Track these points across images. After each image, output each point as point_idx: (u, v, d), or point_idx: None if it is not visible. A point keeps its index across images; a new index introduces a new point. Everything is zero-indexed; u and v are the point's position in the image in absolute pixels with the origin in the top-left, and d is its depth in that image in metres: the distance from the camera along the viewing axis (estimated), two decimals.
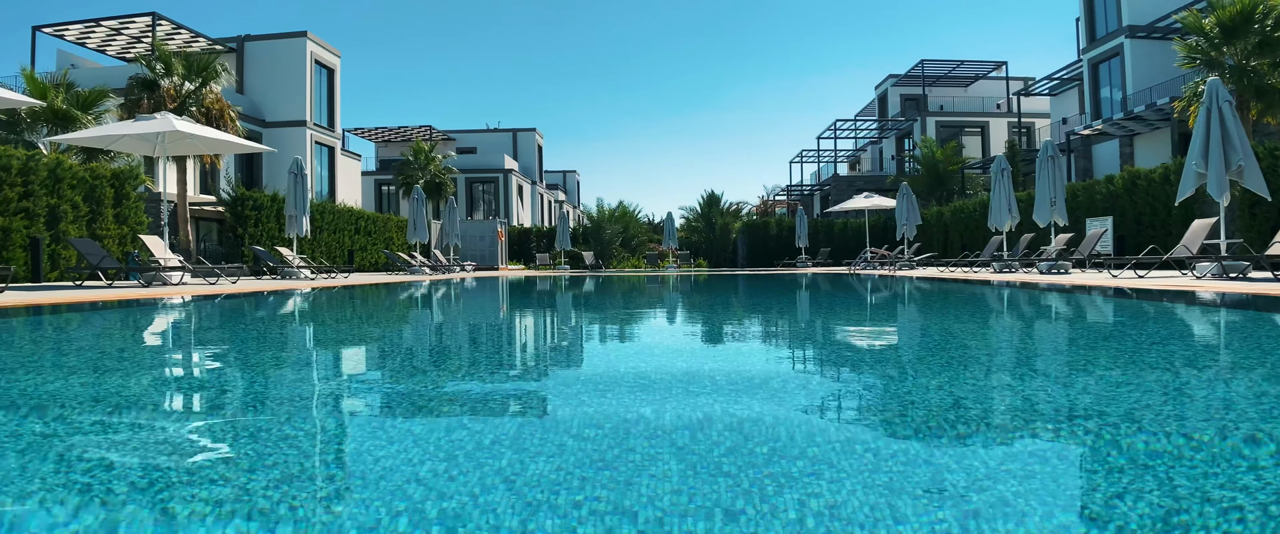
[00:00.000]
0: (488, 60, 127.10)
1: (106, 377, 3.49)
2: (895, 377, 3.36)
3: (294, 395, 3.03)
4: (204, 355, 4.57)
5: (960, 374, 3.34)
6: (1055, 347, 4.58)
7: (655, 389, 2.90)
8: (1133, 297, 8.83)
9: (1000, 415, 2.52)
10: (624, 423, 2.30)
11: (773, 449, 1.97)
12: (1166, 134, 28.50)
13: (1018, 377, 3.35)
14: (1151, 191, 19.06)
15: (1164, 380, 3.12)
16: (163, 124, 12.09)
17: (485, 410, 2.64)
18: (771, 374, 3.55)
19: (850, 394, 2.96)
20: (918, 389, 2.93)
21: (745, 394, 2.83)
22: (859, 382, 3.29)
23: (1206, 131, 11.50)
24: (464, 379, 3.46)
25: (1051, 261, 15.85)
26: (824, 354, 4.42)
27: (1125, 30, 29.48)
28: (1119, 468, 1.83)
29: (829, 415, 2.52)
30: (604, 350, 4.77)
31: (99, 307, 8.50)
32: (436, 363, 4.13)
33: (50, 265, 13.91)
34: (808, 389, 3.09)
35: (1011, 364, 3.83)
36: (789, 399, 2.76)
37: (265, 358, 4.31)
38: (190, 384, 3.44)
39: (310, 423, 2.45)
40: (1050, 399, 2.74)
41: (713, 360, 4.05)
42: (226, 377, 3.67)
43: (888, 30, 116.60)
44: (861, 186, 41.54)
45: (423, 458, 1.92)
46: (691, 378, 3.20)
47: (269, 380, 3.46)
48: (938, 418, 2.40)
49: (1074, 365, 3.69)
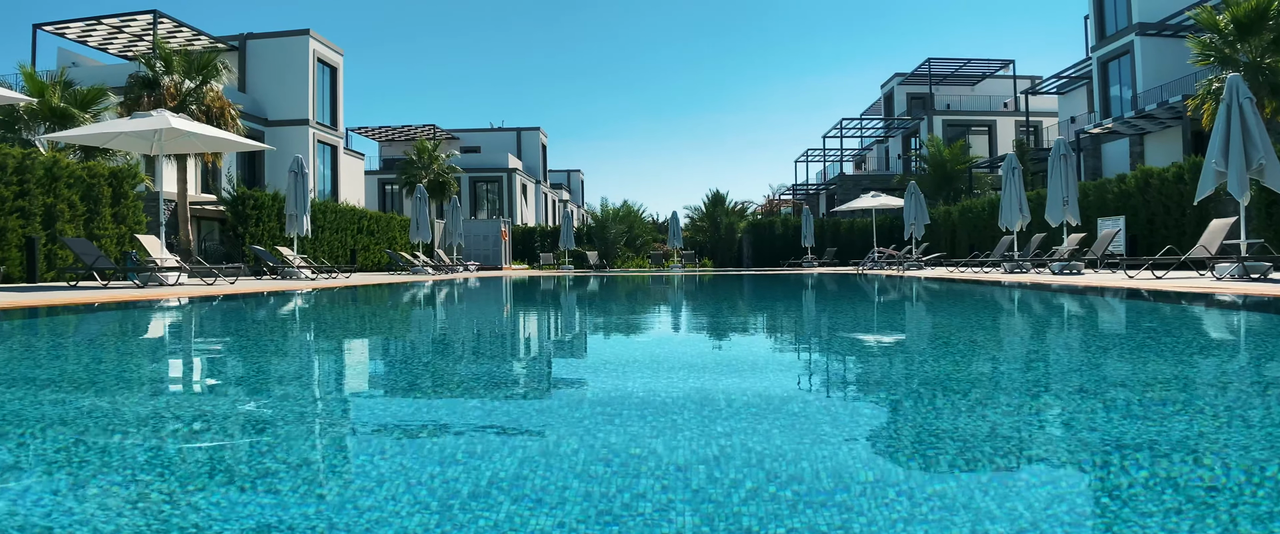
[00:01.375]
0: (492, 59, 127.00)
1: (74, 394, 3.25)
2: (928, 399, 3.11)
3: (273, 417, 2.79)
4: (183, 367, 4.34)
5: (1003, 396, 3.09)
6: (1097, 360, 4.32)
7: (668, 414, 2.66)
8: (1150, 298, 8.57)
9: (1063, 450, 2.27)
10: (633, 460, 2.06)
11: (797, 494, 1.73)
12: (1178, 133, 28.16)
13: (1073, 400, 3.09)
14: (1165, 191, 18.76)
15: (1215, 400, 2.87)
16: (159, 121, 11.88)
17: (483, 443, 2.40)
18: (791, 395, 3.31)
19: (882, 419, 2.72)
20: (952, 411, 2.68)
21: (766, 418, 2.58)
22: (889, 404, 3.04)
23: (1226, 129, 11.22)
24: (458, 396, 3.22)
25: (1064, 262, 15.57)
26: (847, 369, 4.17)
27: (1135, 28, 29.16)
28: (1177, 509, 1.58)
29: (862, 447, 2.27)
30: (610, 365, 4.52)
31: (84, 309, 8.28)
32: (427, 380, 3.89)
33: (46, 265, 13.71)
34: (831, 414, 2.85)
35: (1065, 386, 3.57)
36: (815, 427, 2.51)
37: (245, 371, 4.08)
38: (161, 401, 3.20)
39: (287, 452, 2.21)
40: (1113, 427, 2.49)
41: (729, 377, 3.80)
42: (200, 392, 3.43)
43: (893, 29, 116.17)
44: (867, 186, 41.25)
45: (411, 510, 1.68)
46: (706, 400, 2.96)
47: (247, 397, 3.22)
48: (984, 449, 2.15)
49: (1121, 383, 3.44)
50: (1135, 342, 5.18)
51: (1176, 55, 28.77)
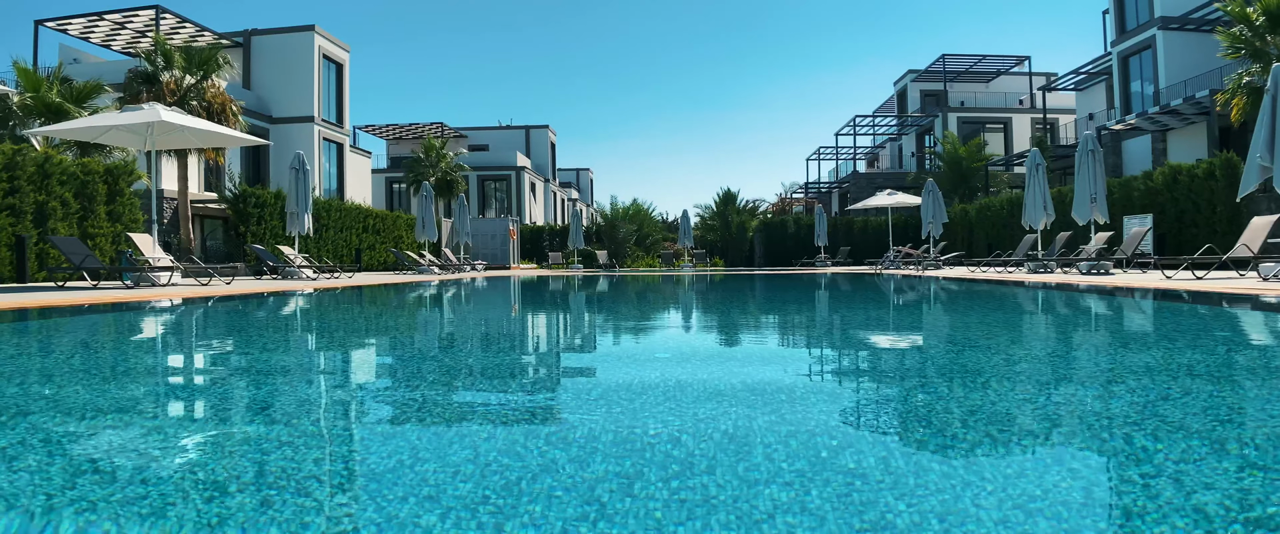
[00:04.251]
0: (501, 57, 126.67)
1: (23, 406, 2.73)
2: (982, 431, 2.56)
3: (239, 444, 2.26)
4: (153, 380, 3.82)
5: (1090, 436, 2.54)
6: (1188, 386, 3.75)
7: (694, 466, 2.13)
8: (1191, 301, 7.98)
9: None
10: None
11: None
12: (1202, 129, 27.42)
13: (1177, 443, 2.54)
14: (1194, 188, 18.10)
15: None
16: (149, 114, 11.39)
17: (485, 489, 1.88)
18: (832, 425, 2.77)
19: (936, 458, 2.17)
20: (1018, 448, 2.14)
21: (801, 456, 2.04)
22: (940, 440, 2.49)
23: (1271, 122, 10.60)
24: (456, 425, 2.69)
25: (1092, 262, 14.95)
26: (885, 390, 3.62)
27: (1158, 21, 28.43)
28: None
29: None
30: (623, 389, 3.97)
31: (59, 312, 7.79)
32: (419, 403, 3.37)
33: (37, 265, 13.26)
34: (885, 444, 2.30)
35: (1138, 411, 3.02)
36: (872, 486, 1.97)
37: (218, 389, 3.56)
38: (122, 422, 2.67)
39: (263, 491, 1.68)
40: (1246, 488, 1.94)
41: (756, 407, 3.25)
42: (166, 412, 2.91)
43: (906, 25, 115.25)
44: (881, 184, 40.59)
45: None
46: (738, 440, 2.42)
47: (217, 421, 2.70)
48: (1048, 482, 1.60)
49: (1228, 417, 2.88)
50: (1218, 358, 4.59)
51: (1201, 49, 28.04)
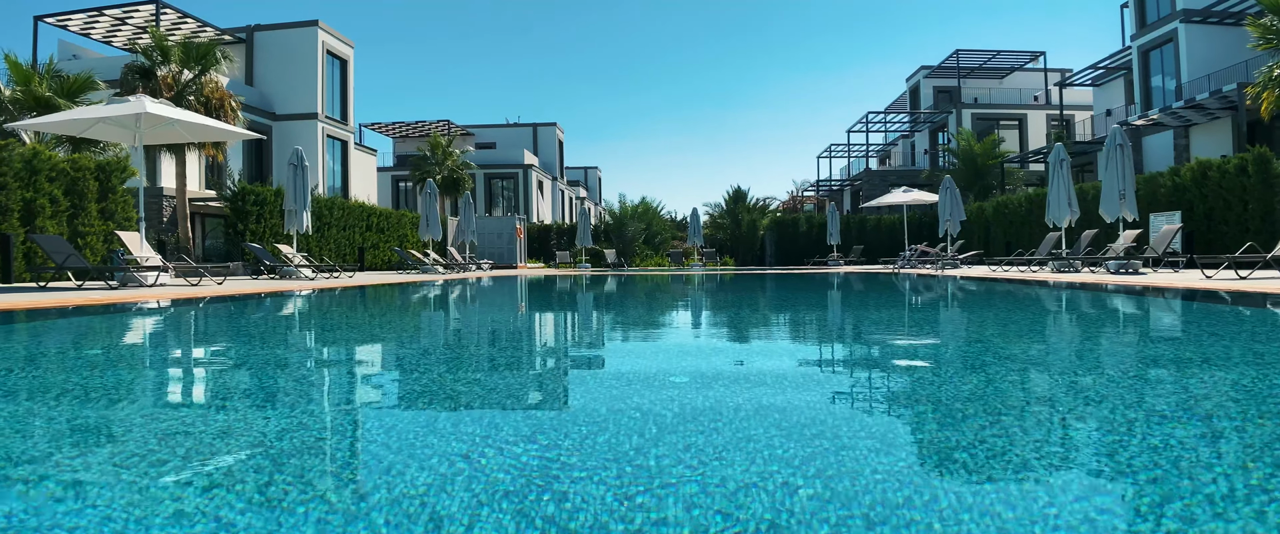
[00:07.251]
0: (508, 54, 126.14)
1: None
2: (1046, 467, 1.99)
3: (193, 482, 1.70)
4: (113, 398, 3.27)
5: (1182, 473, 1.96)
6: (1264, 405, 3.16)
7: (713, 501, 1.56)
8: (1234, 303, 7.38)
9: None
10: None
11: None
12: (1227, 124, 26.69)
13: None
14: (1224, 184, 17.42)
15: None
16: (135, 106, 10.88)
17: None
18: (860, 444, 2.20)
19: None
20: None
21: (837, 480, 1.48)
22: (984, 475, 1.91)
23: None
24: (453, 454, 2.13)
25: (1121, 261, 14.32)
26: (919, 408, 3.04)
27: (1180, 15, 27.71)
28: None
29: None
30: (635, 411, 3.41)
31: (30, 316, 7.27)
32: (411, 428, 2.81)
33: (24, 264, 12.77)
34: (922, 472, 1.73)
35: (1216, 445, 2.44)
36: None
37: (180, 416, 3.01)
38: (72, 446, 2.12)
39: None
40: None
41: (779, 434, 2.69)
42: (122, 438, 2.36)
43: (919, 21, 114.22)
44: (895, 181, 39.93)
45: None
46: (760, 479, 1.86)
47: (175, 452, 2.14)
48: None
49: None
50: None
51: (1225, 43, 27.32)
